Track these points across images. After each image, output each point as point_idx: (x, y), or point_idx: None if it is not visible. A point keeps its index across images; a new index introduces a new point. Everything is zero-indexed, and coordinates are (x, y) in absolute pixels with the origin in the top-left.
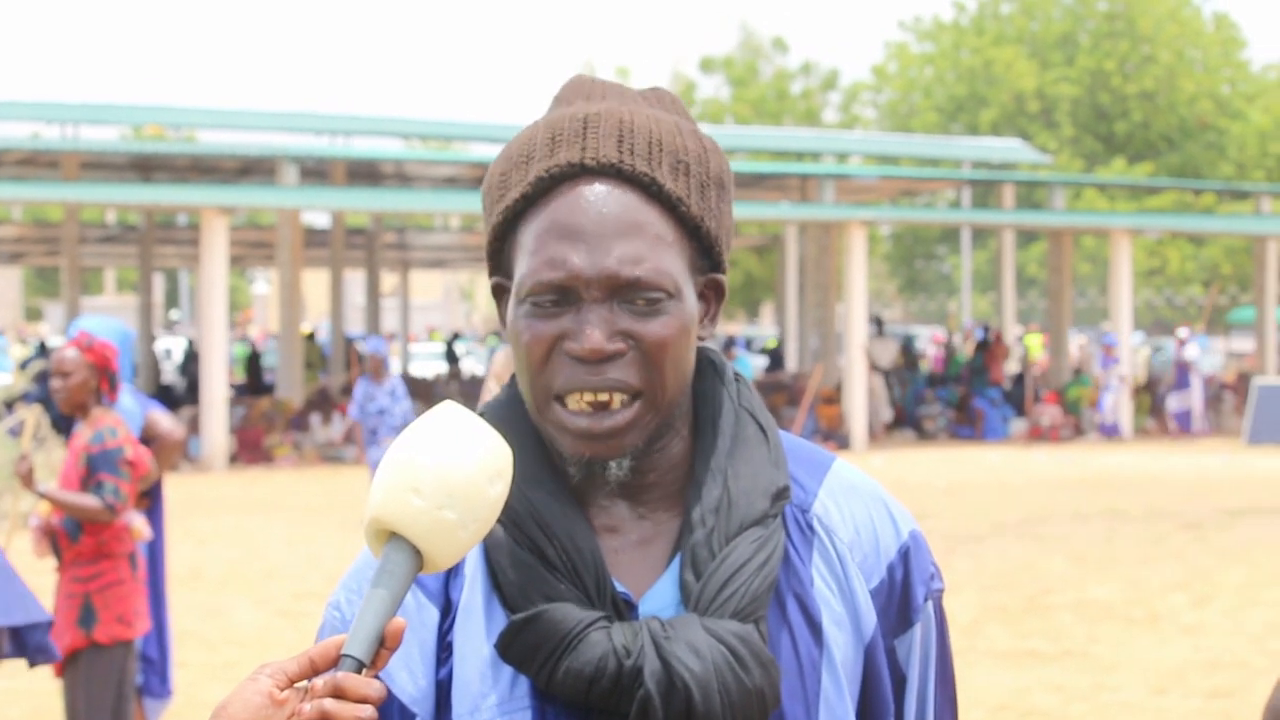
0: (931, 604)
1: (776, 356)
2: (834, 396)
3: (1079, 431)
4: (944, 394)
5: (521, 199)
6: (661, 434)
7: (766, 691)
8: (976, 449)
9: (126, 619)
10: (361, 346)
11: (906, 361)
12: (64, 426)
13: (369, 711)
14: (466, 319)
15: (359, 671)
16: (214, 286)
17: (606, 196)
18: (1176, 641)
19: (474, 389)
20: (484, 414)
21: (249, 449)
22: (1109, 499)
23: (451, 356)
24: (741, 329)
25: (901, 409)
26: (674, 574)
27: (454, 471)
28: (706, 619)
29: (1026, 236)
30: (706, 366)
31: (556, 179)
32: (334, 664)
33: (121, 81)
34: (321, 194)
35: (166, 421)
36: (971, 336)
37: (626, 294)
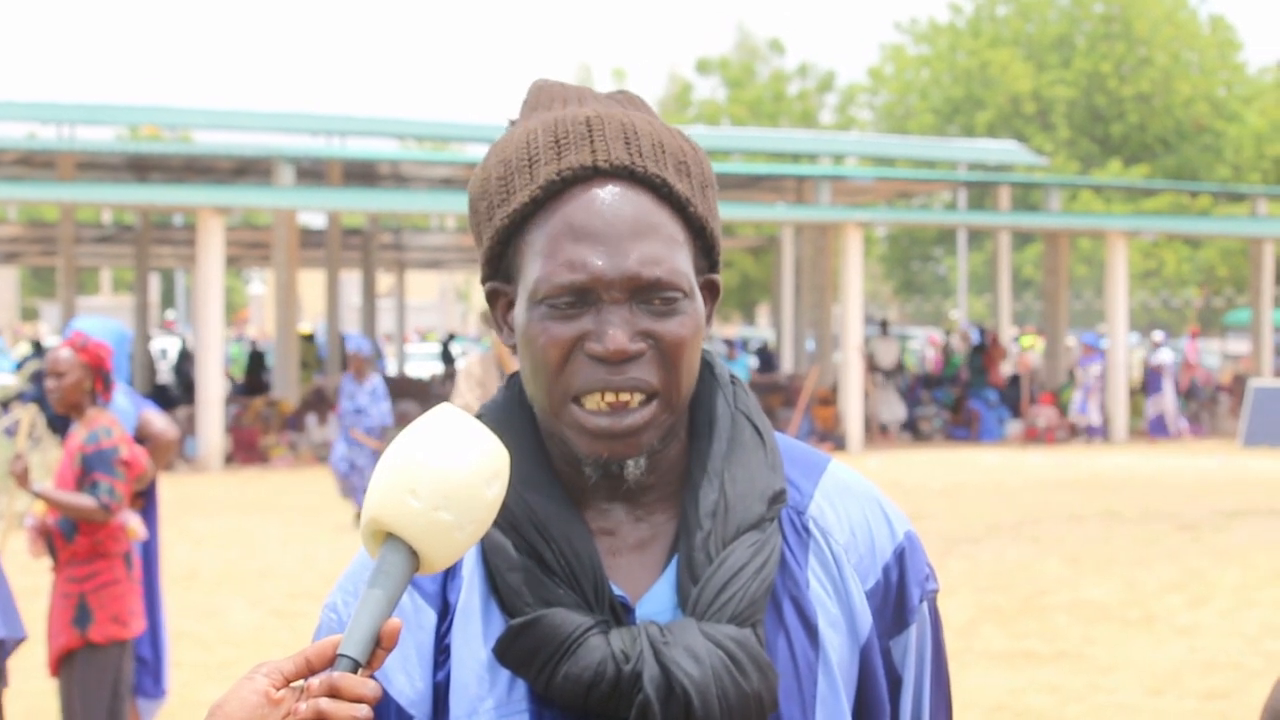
0: (926, 605)
1: (765, 357)
2: (830, 398)
3: (1075, 433)
4: (940, 395)
5: (531, 202)
6: (666, 433)
7: (764, 695)
8: (972, 450)
9: (122, 619)
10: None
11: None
12: (60, 426)
13: (364, 711)
14: (462, 320)
15: (355, 671)
16: (210, 287)
17: (621, 198)
18: (1172, 643)
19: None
20: (482, 416)
21: (245, 449)
22: (1105, 500)
23: (447, 357)
24: (737, 330)
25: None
26: (671, 578)
27: (451, 473)
28: (704, 624)
29: (1022, 238)
30: (703, 369)
31: (568, 181)
32: (330, 664)
33: (117, 82)
34: (317, 194)
35: (160, 421)
36: (967, 338)
37: (645, 294)
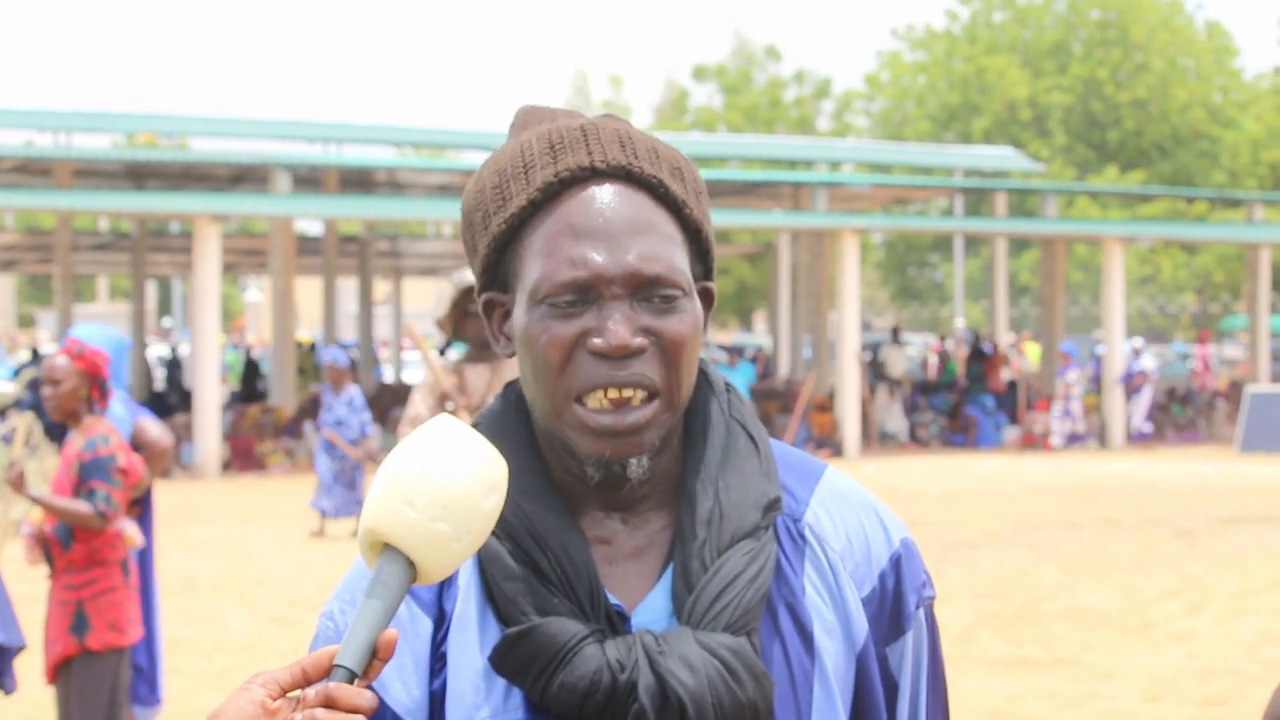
0: (923, 611)
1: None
2: (827, 404)
3: (1071, 440)
4: (937, 402)
5: (529, 204)
6: (663, 440)
7: (760, 704)
8: (969, 457)
9: (119, 626)
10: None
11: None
12: (57, 434)
13: None
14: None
15: (351, 682)
16: (206, 294)
17: (618, 197)
18: (1169, 649)
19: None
20: (479, 424)
21: (241, 457)
22: (1102, 507)
23: None
24: (733, 337)
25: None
26: (666, 586)
27: (449, 484)
28: (699, 632)
29: (1019, 244)
30: (698, 377)
31: (566, 183)
32: (326, 674)
33: (114, 89)
34: (314, 202)
35: (155, 429)
36: (962, 344)
37: (646, 291)
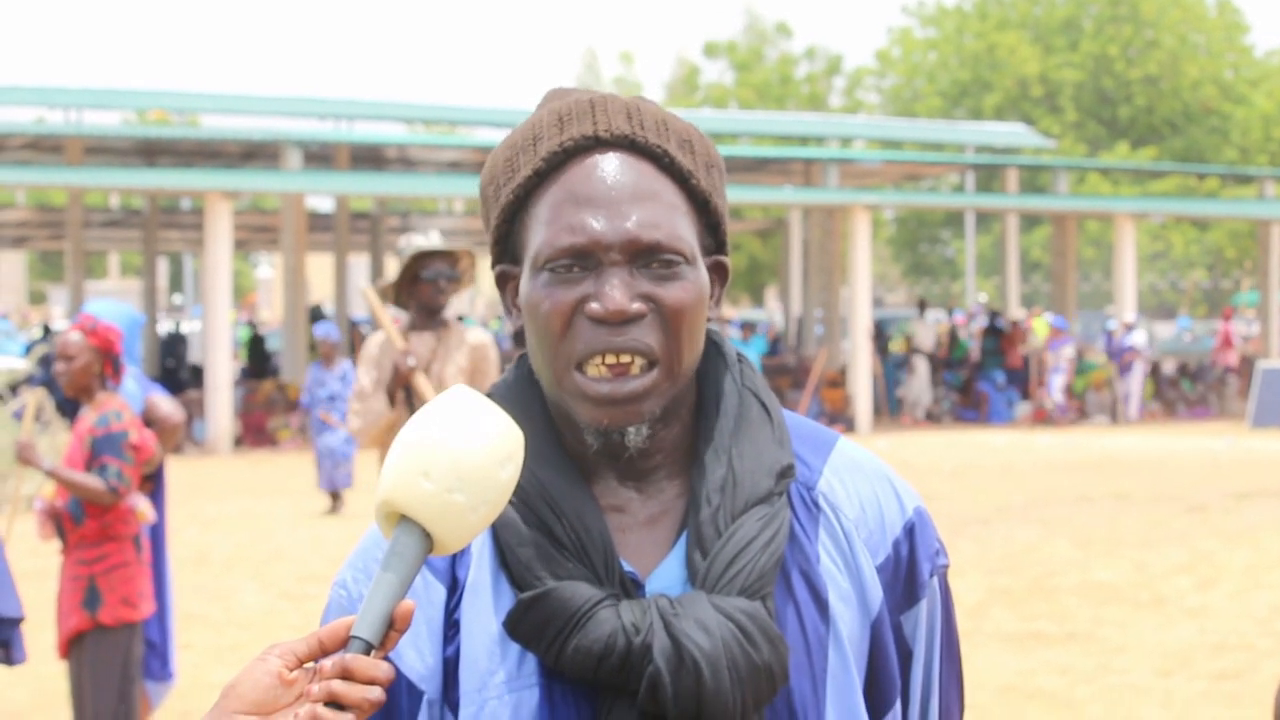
0: (937, 580)
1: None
2: (838, 380)
3: (1084, 414)
4: (949, 378)
5: (534, 174)
6: (669, 410)
7: (775, 668)
8: (981, 432)
9: (131, 601)
10: (363, 329)
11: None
12: (69, 410)
13: (377, 692)
14: (470, 303)
15: (367, 653)
16: (218, 271)
17: (621, 165)
18: (1182, 624)
19: None
20: (492, 395)
21: (253, 432)
22: (1114, 482)
23: None
24: (744, 312)
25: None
26: (680, 552)
27: (464, 455)
28: (714, 596)
29: (1030, 221)
30: (709, 347)
31: (570, 152)
32: (343, 645)
33: (125, 66)
34: (325, 178)
35: (166, 405)
36: (972, 320)
37: (645, 258)
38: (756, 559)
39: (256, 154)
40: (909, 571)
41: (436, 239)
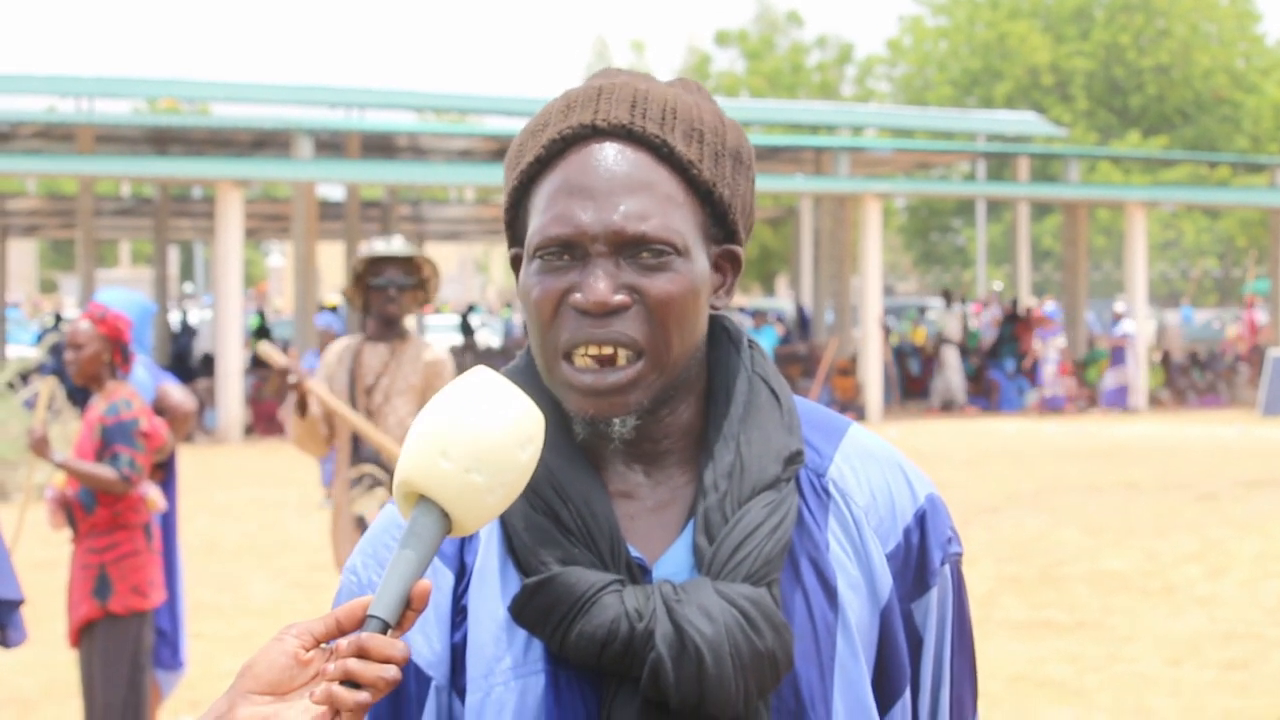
0: (949, 568)
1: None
2: (849, 368)
3: (1094, 403)
4: (937, 366)
5: (535, 162)
6: (671, 398)
7: (779, 654)
8: (991, 420)
9: (142, 589)
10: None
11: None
12: (80, 398)
13: (393, 671)
14: (481, 291)
15: (384, 632)
16: (229, 259)
17: (617, 155)
18: (1191, 613)
19: (489, 361)
20: (511, 377)
21: (264, 421)
22: (1123, 470)
23: (466, 329)
24: (758, 301)
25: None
26: (688, 539)
27: (483, 435)
28: (719, 582)
29: (1041, 209)
30: (721, 334)
31: (569, 140)
32: (360, 625)
33: (136, 55)
34: (336, 167)
35: (178, 393)
36: (986, 308)
37: (632, 249)
38: (762, 545)
39: (267, 142)
40: (920, 559)
41: (397, 245)
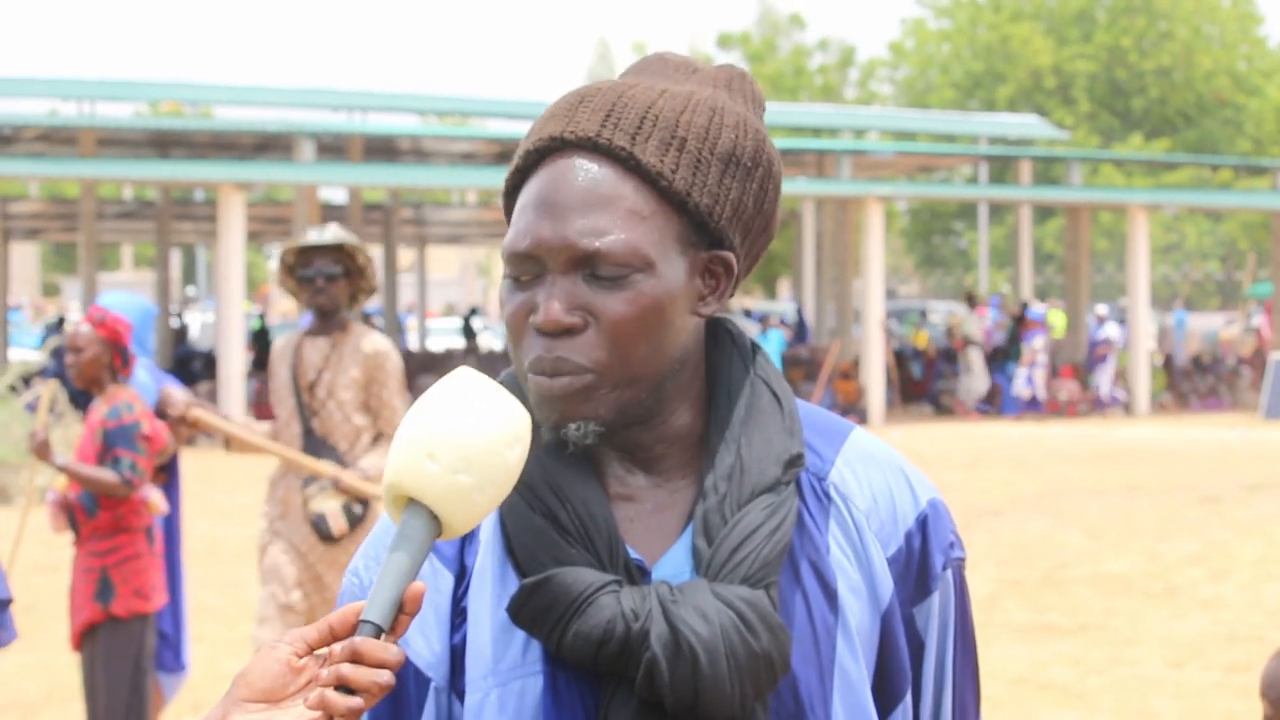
0: (951, 572)
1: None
2: (851, 371)
3: (1096, 406)
4: (961, 369)
5: (515, 173)
6: (662, 406)
7: (775, 656)
8: (994, 423)
9: (144, 593)
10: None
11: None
12: (82, 402)
13: (386, 676)
14: (484, 294)
15: (377, 637)
16: (231, 262)
17: (581, 169)
18: (1194, 615)
19: (491, 365)
20: (504, 382)
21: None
22: (1126, 473)
23: (469, 332)
24: (763, 305)
25: (919, 383)
26: (687, 540)
27: (470, 436)
28: (716, 584)
29: (1044, 212)
30: (724, 336)
31: (541, 153)
32: (353, 630)
33: (139, 58)
34: (338, 170)
35: (180, 396)
36: (990, 311)
37: (589, 266)
38: (760, 548)
39: (269, 145)
40: (921, 563)
41: (330, 234)
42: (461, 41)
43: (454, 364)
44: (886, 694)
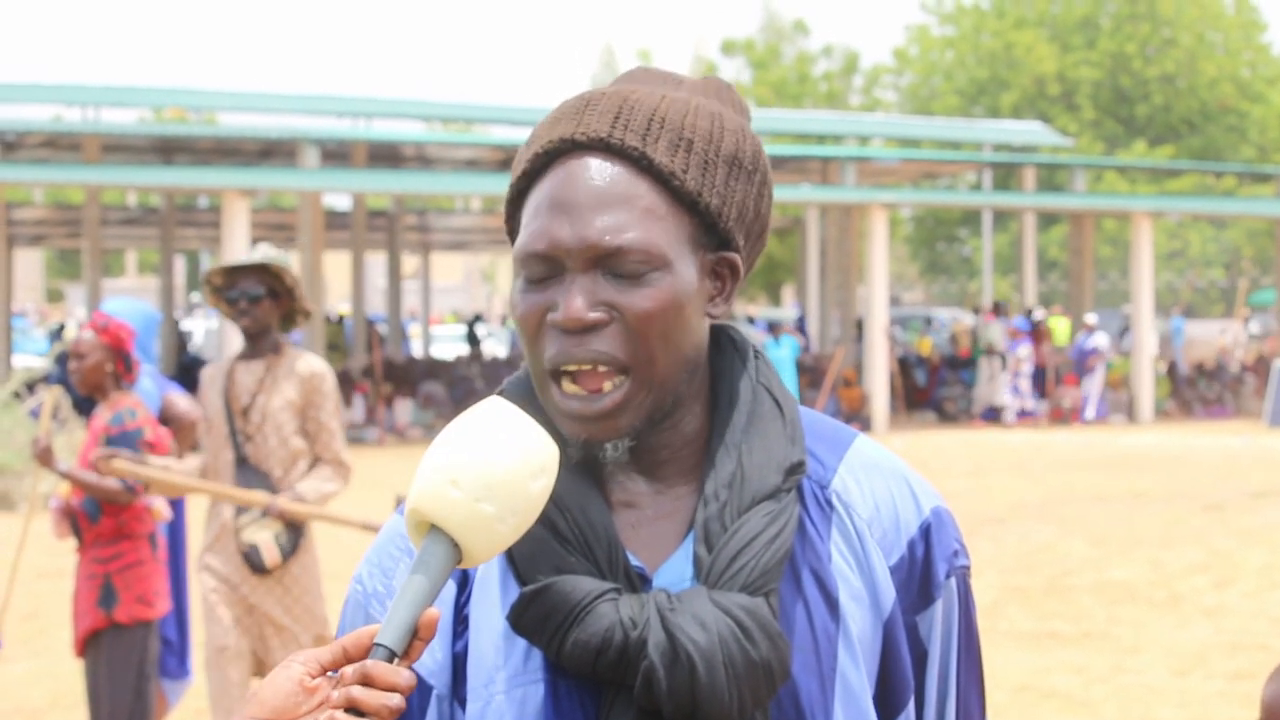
0: (955, 580)
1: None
2: (853, 379)
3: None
4: (966, 376)
5: (522, 176)
6: (670, 412)
7: (774, 664)
8: (997, 431)
9: (147, 599)
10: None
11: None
12: (85, 408)
13: (396, 700)
14: (488, 301)
15: (390, 661)
16: None
17: (597, 169)
18: (1198, 623)
19: (494, 371)
20: (504, 391)
21: None
22: (1130, 481)
23: (473, 339)
24: (769, 311)
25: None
26: (688, 548)
27: (493, 465)
28: (715, 592)
29: (1047, 219)
30: (726, 343)
31: (551, 155)
32: (367, 653)
33: (143, 64)
34: (342, 176)
35: (184, 403)
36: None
37: (610, 264)
38: (760, 555)
39: (274, 152)
40: (924, 572)
41: (257, 254)
42: (466, 48)
43: (458, 371)
44: (888, 703)
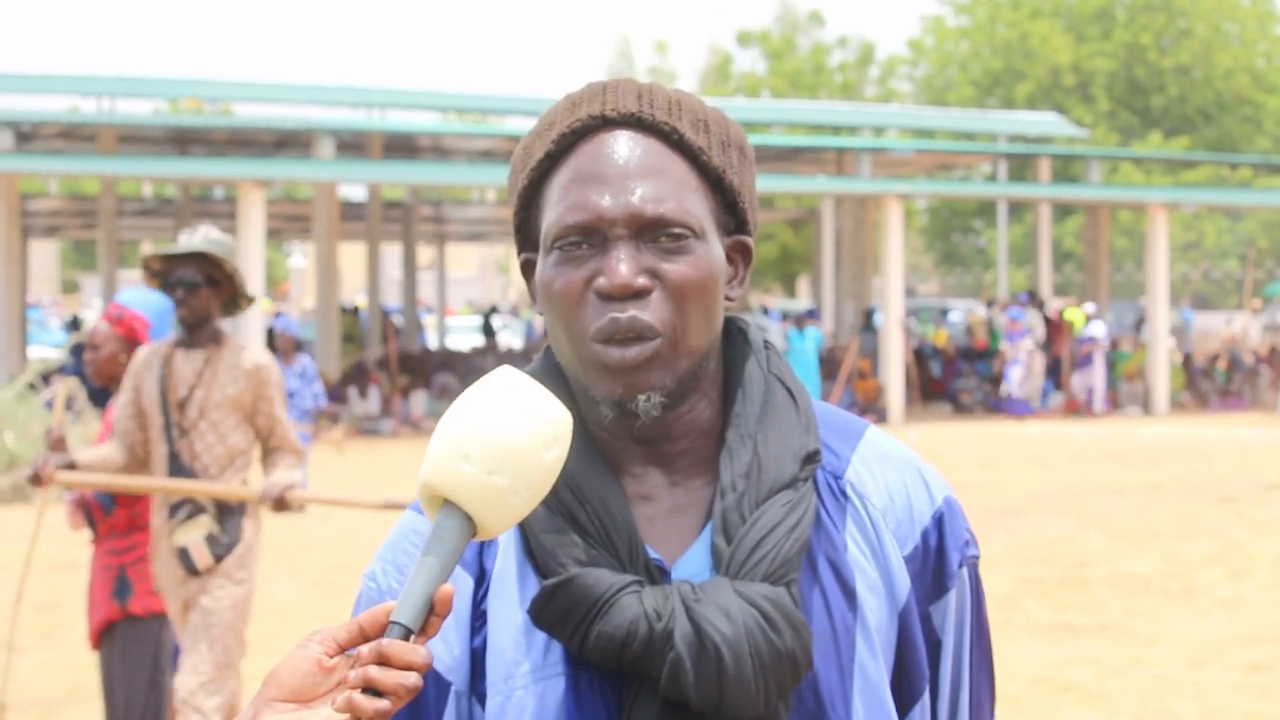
0: (966, 570)
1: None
2: (868, 370)
3: (1116, 405)
4: (981, 368)
5: (546, 157)
6: (689, 394)
7: (798, 654)
8: (1013, 423)
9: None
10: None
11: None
12: (101, 399)
13: (414, 678)
14: (503, 293)
15: (406, 638)
16: (250, 260)
17: (629, 143)
18: (1213, 616)
19: (509, 363)
20: (536, 370)
21: None
22: (1146, 472)
23: (488, 330)
24: (787, 303)
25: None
26: (706, 540)
27: (505, 437)
28: (737, 582)
29: (1063, 210)
30: (736, 334)
31: (579, 133)
32: (383, 631)
33: (158, 55)
34: (358, 167)
35: None
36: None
37: (651, 232)
38: (780, 545)
39: (289, 143)
40: (938, 562)
41: (199, 238)
42: (481, 39)
43: (473, 362)
44: (905, 692)
